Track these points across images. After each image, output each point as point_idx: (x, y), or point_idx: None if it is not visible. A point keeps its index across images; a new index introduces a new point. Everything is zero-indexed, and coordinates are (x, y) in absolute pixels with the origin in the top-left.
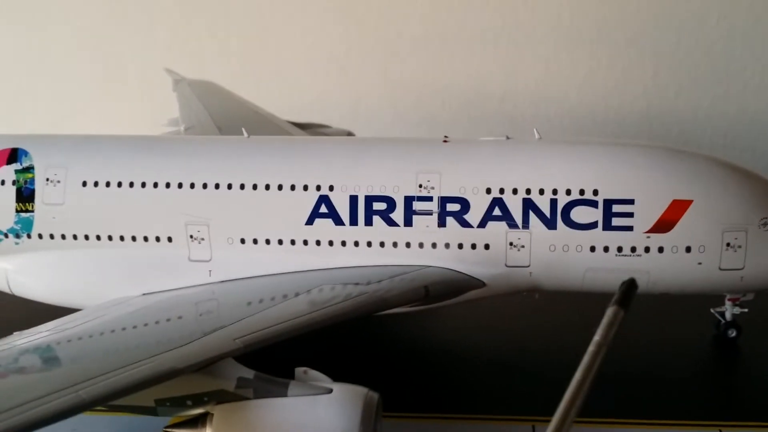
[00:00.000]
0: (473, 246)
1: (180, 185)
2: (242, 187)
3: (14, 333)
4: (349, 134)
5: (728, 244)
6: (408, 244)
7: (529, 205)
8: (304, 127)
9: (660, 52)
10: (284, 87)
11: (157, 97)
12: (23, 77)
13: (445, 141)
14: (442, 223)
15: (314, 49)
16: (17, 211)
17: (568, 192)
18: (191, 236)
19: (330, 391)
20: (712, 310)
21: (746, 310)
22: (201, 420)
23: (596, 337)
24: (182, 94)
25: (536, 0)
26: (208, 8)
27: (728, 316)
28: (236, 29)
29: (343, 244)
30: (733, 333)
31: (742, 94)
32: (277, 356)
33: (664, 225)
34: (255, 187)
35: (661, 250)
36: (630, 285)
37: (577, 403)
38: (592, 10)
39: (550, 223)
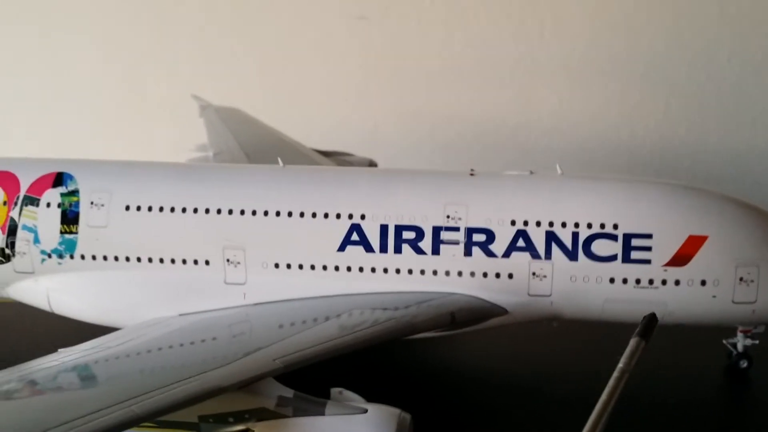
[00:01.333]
0: (497, 275)
1: (218, 211)
2: (278, 214)
3: (59, 350)
4: (371, 163)
5: (741, 279)
6: (435, 272)
7: (551, 237)
8: (328, 155)
9: (671, 86)
10: (303, 114)
11: (182, 122)
12: (47, 99)
13: (471, 174)
14: (468, 253)
15: (333, 78)
16: (62, 232)
17: (590, 225)
18: (228, 260)
19: (365, 411)
20: (724, 342)
21: (757, 341)
22: None
23: (620, 365)
24: (209, 120)
25: (551, 34)
26: (231, 37)
27: (740, 347)
28: (258, 57)
29: (373, 270)
30: (744, 364)
31: (751, 129)
32: (306, 378)
33: (680, 259)
34: (290, 214)
35: (677, 282)
36: (651, 319)
37: (602, 422)
38: (606, 44)
39: (572, 255)
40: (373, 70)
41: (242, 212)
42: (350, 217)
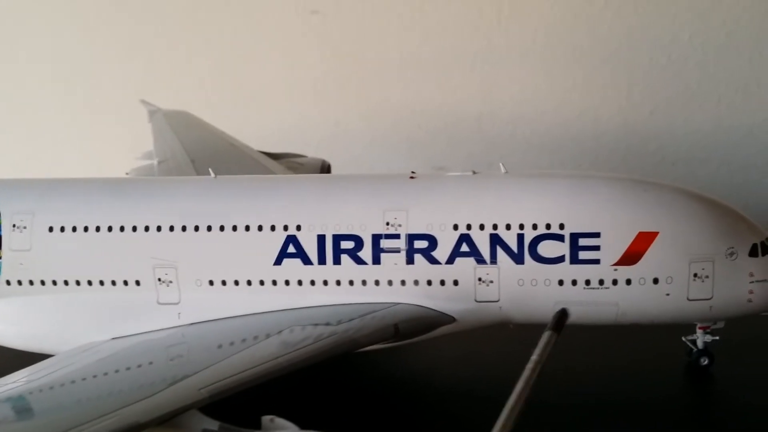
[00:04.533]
0: (442, 282)
1: (147, 228)
2: (209, 228)
3: None
4: (324, 163)
5: (696, 275)
6: (377, 282)
7: (496, 241)
8: (278, 157)
9: (634, 70)
10: (261, 113)
11: (134, 128)
12: None
13: (412, 177)
14: (410, 261)
15: (291, 75)
16: None
17: (535, 227)
18: (159, 279)
19: None
20: (683, 339)
21: (717, 337)
22: None
23: (534, 357)
24: (157, 126)
25: (510, 23)
26: (184, 35)
27: (699, 344)
28: (212, 57)
29: (312, 283)
30: (705, 361)
31: (716, 109)
32: (247, 399)
33: (630, 257)
34: (222, 228)
35: (629, 282)
36: (562, 314)
37: (516, 412)
38: (566, 32)
39: (518, 258)
40: (331, 66)
41: (171, 228)
42: (285, 228)
